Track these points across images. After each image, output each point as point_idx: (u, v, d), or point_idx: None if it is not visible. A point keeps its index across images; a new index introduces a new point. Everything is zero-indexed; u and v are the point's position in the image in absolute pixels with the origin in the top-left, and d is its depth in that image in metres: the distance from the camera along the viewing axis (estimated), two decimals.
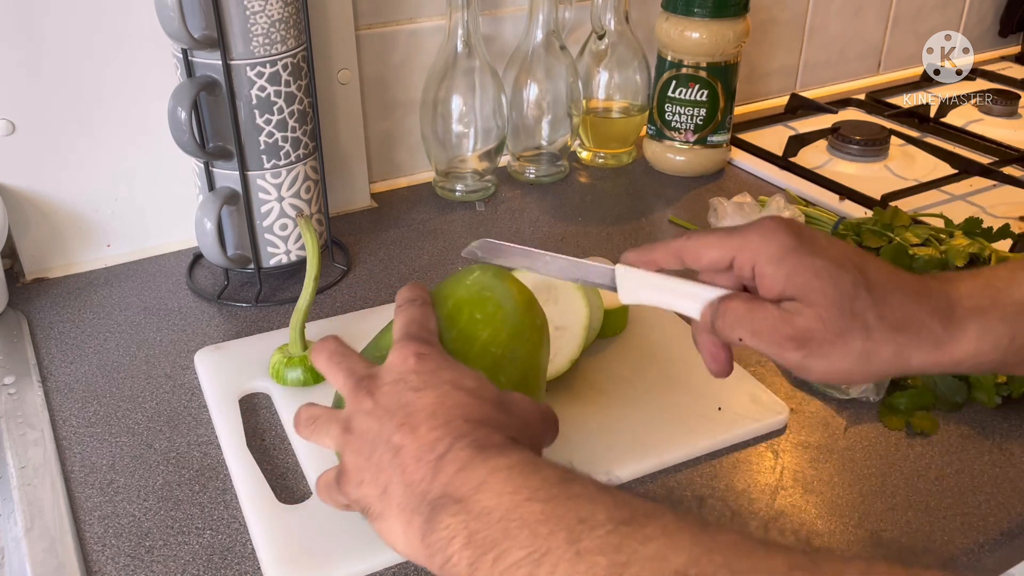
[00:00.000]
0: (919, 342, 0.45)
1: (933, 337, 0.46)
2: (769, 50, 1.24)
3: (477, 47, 0.91)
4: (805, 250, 0.46)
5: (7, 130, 0.77)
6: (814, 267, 0.45)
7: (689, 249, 0.49)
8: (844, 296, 0.45)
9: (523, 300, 0.55)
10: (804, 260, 0.45)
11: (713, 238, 0.48)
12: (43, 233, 0.82)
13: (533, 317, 0.55)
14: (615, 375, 0.68)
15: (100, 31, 0.77)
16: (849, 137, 1.08)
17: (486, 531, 0.36)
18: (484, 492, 0.38)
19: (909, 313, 0.46)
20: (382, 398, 0.44)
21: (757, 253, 0.46)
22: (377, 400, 0.44)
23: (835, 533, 0.56)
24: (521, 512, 0.36)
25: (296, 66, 0.74)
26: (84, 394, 0.68)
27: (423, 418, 0.42)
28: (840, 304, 0.45)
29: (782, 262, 0.46)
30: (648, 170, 1.06)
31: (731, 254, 0.47)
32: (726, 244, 0.47)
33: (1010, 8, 1.45)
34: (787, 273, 0.45)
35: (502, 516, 0.36)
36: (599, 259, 0.84)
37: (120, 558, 0.54)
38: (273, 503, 0.57)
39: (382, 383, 0.45)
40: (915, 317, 0.46)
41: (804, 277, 0.45)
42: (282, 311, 0.78)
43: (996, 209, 0.96)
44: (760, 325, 0.46)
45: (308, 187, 0.79)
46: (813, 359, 0.46)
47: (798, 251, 0.46)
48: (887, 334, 0.45)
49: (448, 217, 0.95)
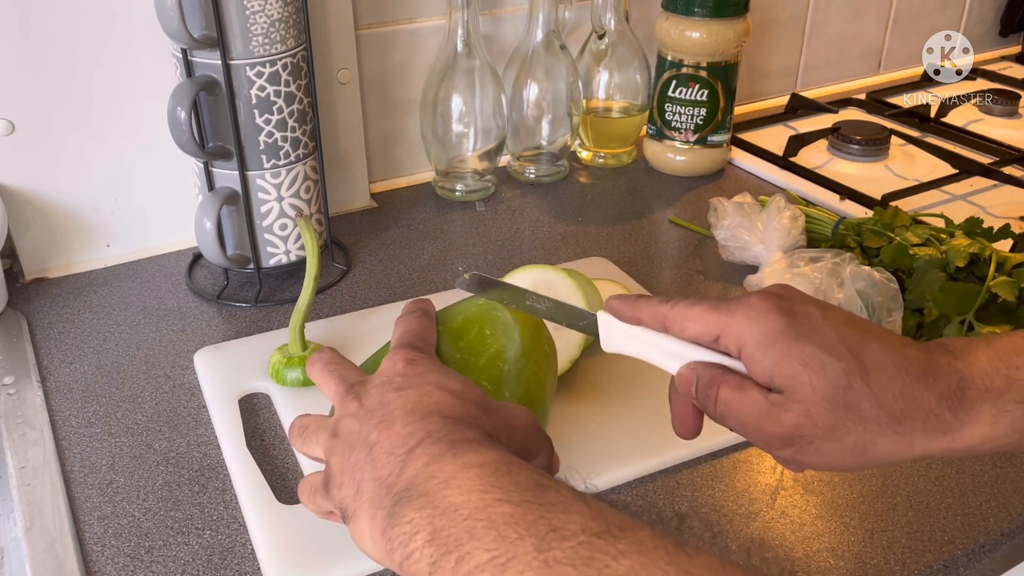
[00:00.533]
0: (925, 430, 0.42)
1: (941, 424, 0.42)
2: (769, 50, 1.24)
3: (477, 47, 0.91)
4: (794, 335, 0.42)
5: (7, 130, 0.77)
6: (803, 357, 0.41)
7: (673, 320, 0.45)
8: (836, 388, 0.41)
9: (532, 325, 0.55)
10: (792, 348, 0.42)
11: (698, 312, 0.45)
12: (42, 233, 0.82)
13: (542, 343, 0.55)
14: (615, 375, 0.68)
15: (100, 31, 0.77)
16: (849, 137, 1.07)
17: (451, 529, 0.34)
18: (452, 488, 0.36)
19: (913, 401, 0.41)
20: (367, 400, 0.43)
21: (743, 336, 0.43)
22: (362, 402, 0.43)
23: (835, 533, 0.56)
24: (490, 513, 0.34)
25: (296, 66, 0.74)
26: (83, 394, 0.68)
27: (400, 415, 0.41)
28: (831, 398, 0.41)
29: (768, 350, 0.42)
30: (648, 170, 1.06)
31: (716, 332, 0.44)
32: (711, 321, 0.44)
33: (1010, 8, 1.45)
34: (774, 362, 0.42)
35: (469, 514, 0.34)
36: (598, 259, 0.84)
37: (120, 558, 0.54)
38: (273, 503, 0.57)
39: (370, 386, 0.44)
40: (920, 405, 0.41)
41: (792, 369, 0.41)
42: (282, 311, 0.78)
43: (996, 209, 0.96)
44: (748, 419, 0.43)
45: (308, 187, 0.79)
46: (804, 455, 0.43)
47: (786, 337, 0.42)
48: (886, 426, 0.41)
49: (448, 217, 0.95)
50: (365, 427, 0.42)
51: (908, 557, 0.55)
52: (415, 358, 0.46)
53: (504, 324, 0.53)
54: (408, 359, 0.45)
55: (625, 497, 0.59)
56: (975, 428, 0.42)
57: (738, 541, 0.55)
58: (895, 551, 0.55)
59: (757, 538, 0.56)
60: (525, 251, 0.89)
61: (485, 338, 0.52)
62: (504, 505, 0.34)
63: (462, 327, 0.53)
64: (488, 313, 0.54)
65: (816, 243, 0.82)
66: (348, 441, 0.42)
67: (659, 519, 0.57)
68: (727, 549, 0.55)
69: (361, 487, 0.40)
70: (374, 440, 0.40)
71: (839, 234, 0.81)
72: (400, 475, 0.38)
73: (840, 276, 0.71)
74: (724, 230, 0.82)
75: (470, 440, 0.39)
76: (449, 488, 0.36)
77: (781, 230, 0.79)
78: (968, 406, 0.42)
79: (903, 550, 0.55)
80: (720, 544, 0.55)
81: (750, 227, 0.81)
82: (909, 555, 0.55)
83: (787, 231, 0.79)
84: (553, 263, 0.74)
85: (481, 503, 0.35)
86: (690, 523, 0.57)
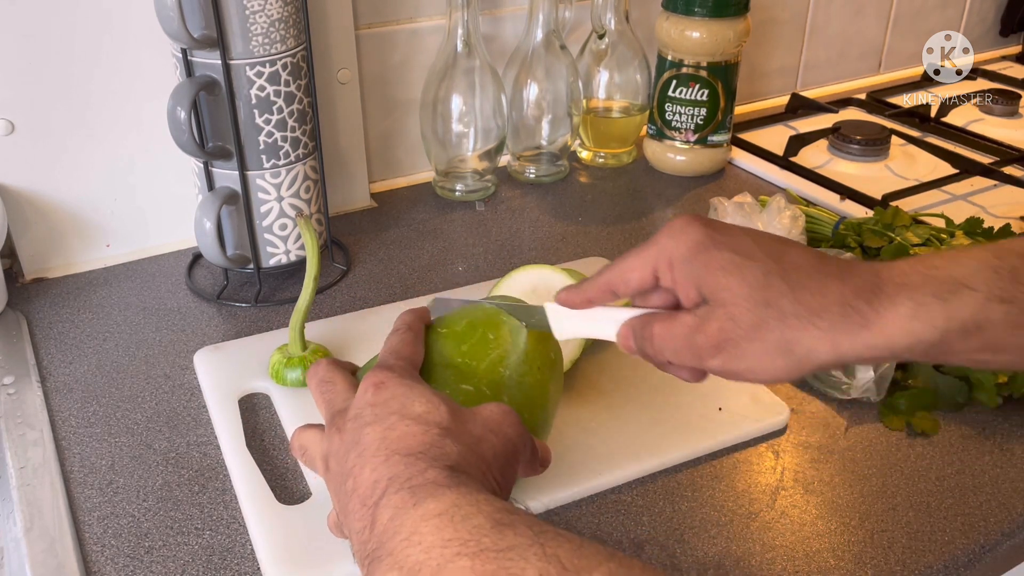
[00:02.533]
0: (845, 324, 0.42)
1: (859, 318, 0.42)
2: (769, 50, 1.24)
3: (477, 47, 0.91)
4: (712, 244, 0.43)
5: (7, 130, 0.77)
6: (721, 262, 0.43)
7: (615, 278, 0.46)
8: (753, 288, 0.42)
9: (536, 333, 0.54)
10: (712, 256, 0.43)
11: (632, 258, 0.46)
12: (42, 233, 0.82)
13: (547, 350, 0.55)
14: (615, 375, 0.68)
15: (99, 31, 0.77)
16: (850, 137, 1.07)
17: None
18: (414, 545, 0.36)
19: (830, 294, 0.42)
20: (346, 436, 0.44)
21: (671, 256, 0.44)
22: (342, 438, 0.44)
23: (835, 533, 0.56)
24: (451, 569, 0.35)
25: (296, 66, 0.74)
26: (83, 394, 0.68)
27: (368, 456, 0.41)
28: (750, 297, 0.42)
29: (692, 261, 0.43)
30: (648, 170, 1.06)
31: (651, 267, 0.45)
32: (644, 258, 0.45)
33: (1010, 8, 1.45)
34: (696, 272, 0.43)
35: (432, 572, 0.35)
36: (598, 259, 0.84)
37: (120, 558, 0.54)
38: (273, 503, 0.56)
39: (347, 419, 0.45)
40: (837, 298, 0.42)
41: (712, 275, 0.43)
42: (282, 311, 0.78)
43: (997, 209, 0.96)
44: (678, 342, 0.44)
45: (308, 187, 0.79)
46: (733, 361, 0.43)
47: (705, 247, 0.43)
48: (806, 319, 0.42)
49: (448, 217, 0.95)
50: (344, 469, 0.43)
51: (908, 557, 0.55)
52: (384, 381, 0.45)
53: (510, 328, 0.53)
54: (376, 384, 0.45)
55: (626, 497, 0.59)
56: (894, 321, 0.42)
57: (737, 542, 0.55)
58: (895, 551, 0.55)
59: (757, 538, 0.56)
60: (525, 251, 0.89)
61: (488, 343, 0.52)
62: (462, 559, 0.35)
63: (465, 331, 0.53)
64: (493, 318, 0.54)
65: (816, 243, 0.82)
66: (335, 481, 0.44)
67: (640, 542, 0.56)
68: (727, 550, 0.55)
69: (351, 536, 0.41)
70: (350, 488, 0.41)
71: (839, 234, 0.81)
72: (371, 532, 0.39)
73: None
74: None
75: (430, 482, 0.39)
76: (411, 546, 0.36)
77: (781, 230, 0.79)
78: (885, 299, 0.42)
79: (903, 550, 0.55)
80: (720, 545, 0.55)
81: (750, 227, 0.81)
82: (909, 555, 0.55)
83: (787, 231, 0.79)
84: (553, 263, 0.74)
85: (441, 559, 0.35)
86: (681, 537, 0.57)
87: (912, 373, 0.68)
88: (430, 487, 0.38)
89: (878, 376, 0.66)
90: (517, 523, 0.36)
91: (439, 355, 0.51)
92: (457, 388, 0.50)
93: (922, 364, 0.67)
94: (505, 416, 0.45)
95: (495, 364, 0.51)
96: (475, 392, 0.50)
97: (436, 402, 0.44)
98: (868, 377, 0.66)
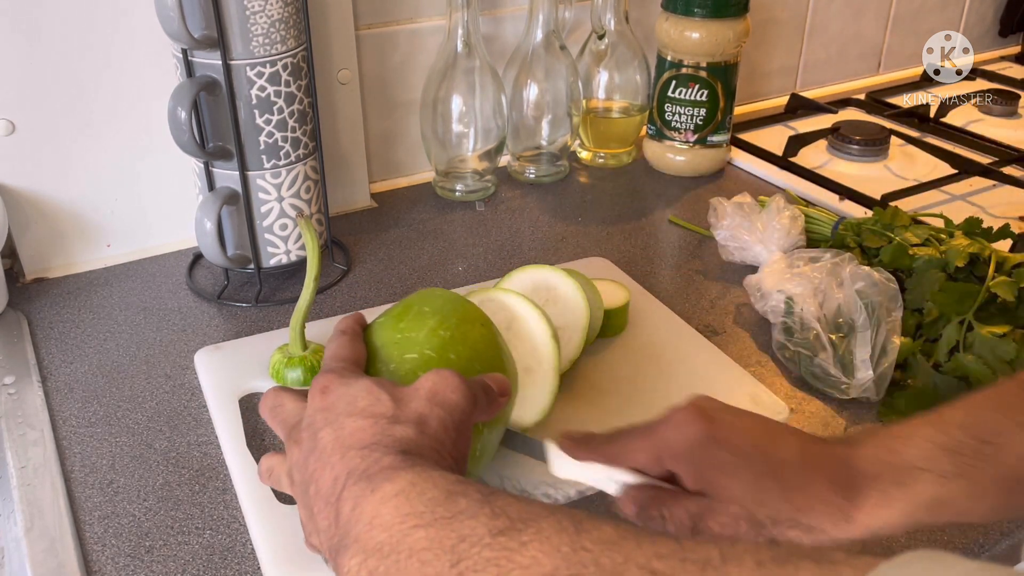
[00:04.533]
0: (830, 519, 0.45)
1: (841, 513, 0.45)
2: (769, 50, 1.24)
3: (477, 47, 0.91)
4: (712, 442, 0.46)
5: (7, 130, 0.77)
6: (719, 462, 0.45)
7: (621, 454, 0.49)
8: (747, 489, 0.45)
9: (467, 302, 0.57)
10: (711, 454, 0.46)
11: (636, 442, 0.48)
12: (43, 233, 0.82)
13: (481, 312, 0.57)
14: (615, 375, 0.68)
15: (100, 31, 0.77)
16: (849, 137, 1.07)
17: (383, 567, 0.37)
18: (376, 527, 0.38)
19: (813, 491, 0.45)
20: (303, 445, 0.45)
21: (674, 448, 0.47)
22: (300, 448, 0.45)
23: None
24: (409, 542, 0.36)
25: (296, 66, 0.74)
26: (84, 394, 0.68)
27: (326, 458, 0.43)
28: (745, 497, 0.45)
29: (691, 459, 0.46)
30: (648, 170, 1.06)
31: (655, 455, 0.47)
32: (648, 446, 0.47)
33: (1010, 8, 1.45)
34: (697, 468, 0.46)
35: (392, 549, 0.37)
36: (598, 259, 0.84)
37: (120, 558, 0.54)
38: (273, 503, 0.57)
39: (301, 430, 0.46)
40: (817, 495, 0.45)
41: (712, 474, 0.46)
42: (282, 311, 0.78)
43: (996, 209, 0.96)
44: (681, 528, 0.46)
45: (308, 187, 0.79)
46: None
47: (704, 445, 0.46)
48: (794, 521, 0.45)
49: (448, 217, 0.95)
50: (306, 475, 0.44)
51: None
52: (327, 385, 0.47)
53: (441, 299, 0.55)
54: (322, 389, 0.47)
55: None
56: (870, 513, 0.45)
57: None
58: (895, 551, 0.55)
59: None
60: (525, 251, 0.89)
61: (424, 315, 0.54)
62: (419, 531, 0.37)
63: (400, 312, 0.55)
64: (427, 295, 0.56)
65: (816, 243, 0.82)
66: (300, 491, 0.45)
67: None
68: None
69: (320, 539, 0.42)
70: (313, 492, 0.43)
71: (839, 234, 0.81)
72: (336, 526, 0.40)
73: (840, 276, 0.71)
74: (724, 230, 0.83)
75: (385, 468, 0.40)
76: (374, 528, 0.38)
77: (781, 230, 0.79)
78: (858, 492, 0.45)
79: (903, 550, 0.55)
80: None
81: (750, 227, 0.81)
82: None
83: (787, 231, 0.79)
84: (553, 263, 0.74)
85: (400, 534, 0.37)
86: None
87: (911, 373, 0.68)
88: (386, 472, 0.40)
89: (877, 376, 0.66)
90: (469, 490, 0.38)
91: (380, 339, 0.53)
92: (402, 359, 0.51)
93: (921, 364, 0.68)
94: (445, 381, 0.46)
95: (435, 329, 0.53)
96: (420, 358, 0.51)
97: (377, 392, 0.46)
98: (867, 377, 0.66)
